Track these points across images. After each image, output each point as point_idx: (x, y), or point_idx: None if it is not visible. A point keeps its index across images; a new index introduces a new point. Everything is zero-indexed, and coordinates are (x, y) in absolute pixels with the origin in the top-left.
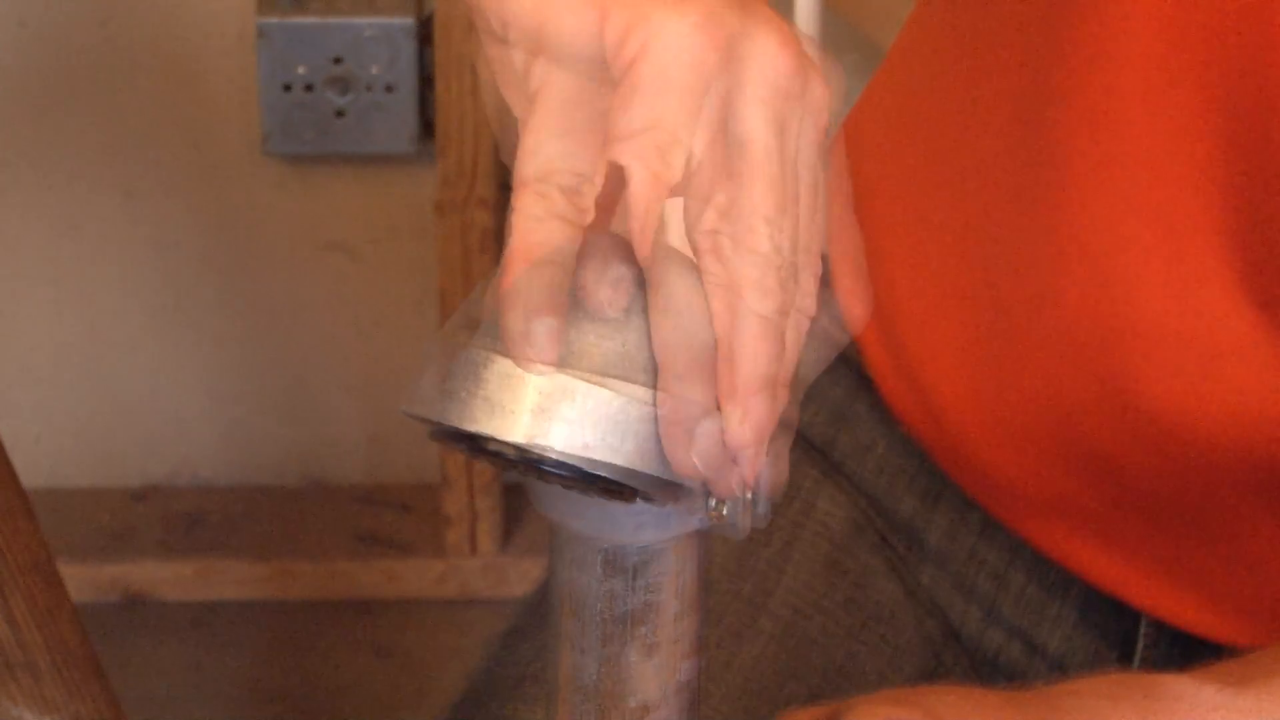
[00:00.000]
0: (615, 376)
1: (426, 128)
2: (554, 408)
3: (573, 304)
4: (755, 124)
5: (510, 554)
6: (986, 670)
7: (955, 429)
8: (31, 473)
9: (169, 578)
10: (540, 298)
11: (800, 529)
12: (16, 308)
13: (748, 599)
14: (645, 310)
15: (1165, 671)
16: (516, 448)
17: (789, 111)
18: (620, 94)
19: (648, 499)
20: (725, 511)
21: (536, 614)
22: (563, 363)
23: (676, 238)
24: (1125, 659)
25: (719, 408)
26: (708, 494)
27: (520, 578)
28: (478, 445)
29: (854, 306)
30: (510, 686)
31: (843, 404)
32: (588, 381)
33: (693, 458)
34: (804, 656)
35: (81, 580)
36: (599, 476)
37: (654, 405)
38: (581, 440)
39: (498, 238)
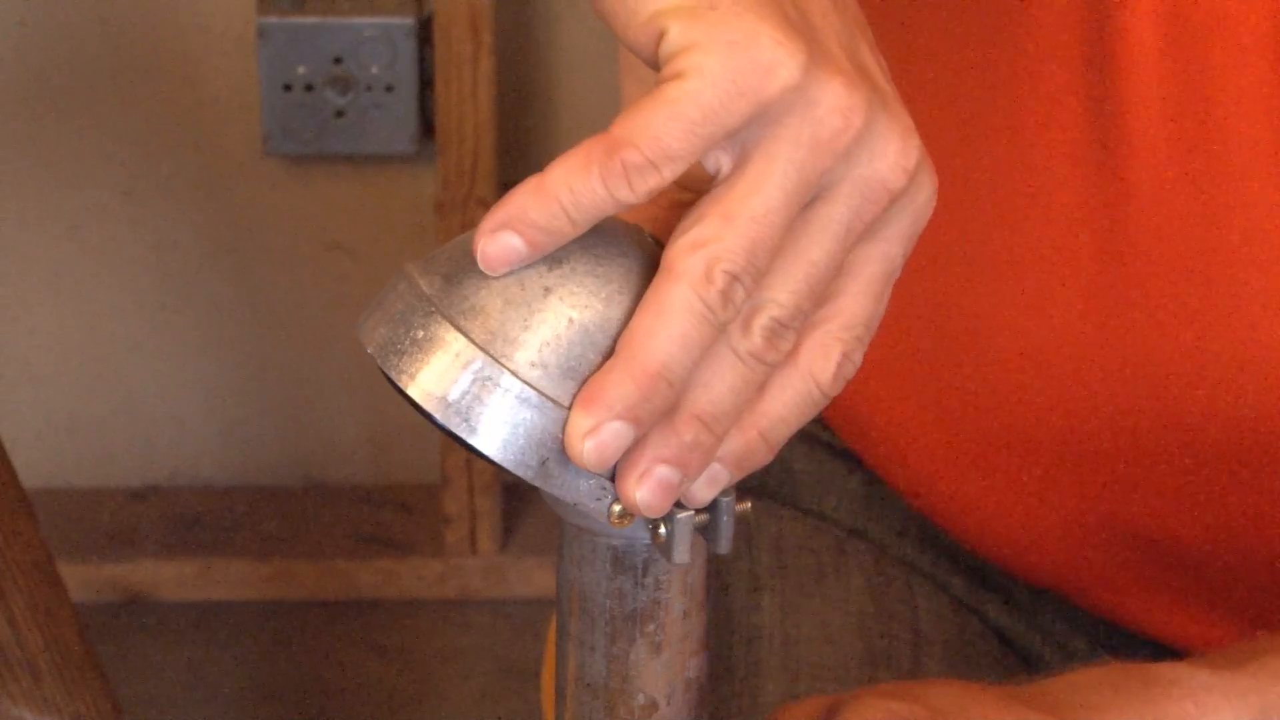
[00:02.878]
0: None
1: (426, 128)
2: (448, 371)
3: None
4: (762, 173)
5: (510, 554)
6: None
7: (921, 466)
8: (31, 473)
9: (169, 578)
10: (529, 222)
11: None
12: (17, 308)
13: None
14: (563, 300)
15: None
16: (407, 395)
17: (834, 172)
18: (632, 105)
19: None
20: (662, 531)
21: None
22: (491, 321)
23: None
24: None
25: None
26: (614, 498)
27: (520, 578)
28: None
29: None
30: None
31: (860, 489)
32: (482, 352)
33: (584, 453)
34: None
35: (81, 580)
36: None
37: (531, 393)
38: (459, 410)
39: None
